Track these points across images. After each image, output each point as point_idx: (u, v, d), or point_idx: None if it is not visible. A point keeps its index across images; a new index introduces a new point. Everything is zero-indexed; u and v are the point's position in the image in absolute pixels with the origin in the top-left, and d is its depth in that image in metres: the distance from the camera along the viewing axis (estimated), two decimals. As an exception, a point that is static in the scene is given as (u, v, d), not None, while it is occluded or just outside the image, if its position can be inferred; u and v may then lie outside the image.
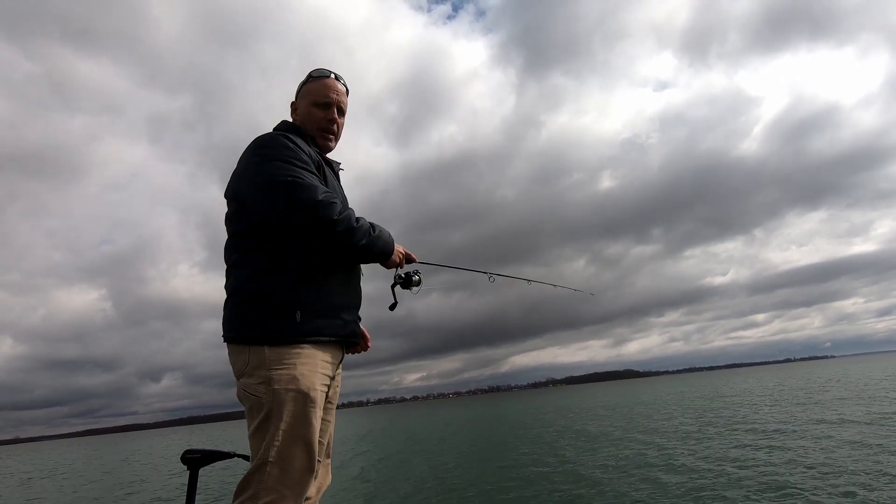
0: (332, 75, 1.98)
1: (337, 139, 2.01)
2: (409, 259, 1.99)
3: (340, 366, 1.92)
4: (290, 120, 2.00)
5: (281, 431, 1.61)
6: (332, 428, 1.96)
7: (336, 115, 1.96)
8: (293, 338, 1.70)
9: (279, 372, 1.65)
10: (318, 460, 1.86)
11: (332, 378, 1.85)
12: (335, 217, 1.66)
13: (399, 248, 1.92)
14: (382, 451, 15.88)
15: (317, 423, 1.68)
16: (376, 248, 1.79)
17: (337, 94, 1.96)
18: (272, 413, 1.63)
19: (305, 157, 1.75)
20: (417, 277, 2.06)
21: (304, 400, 1.65)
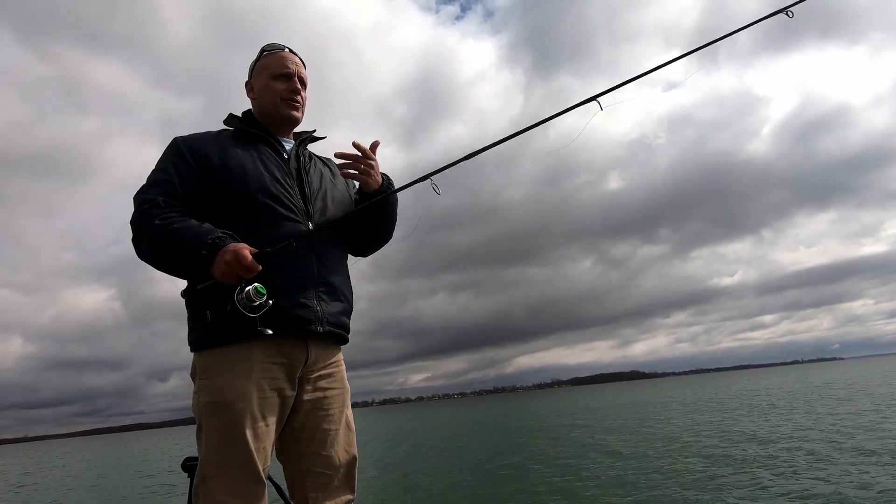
0: (287, 49, 1.81)
1: (302, 111, 1.81)
2: (249, 268, 1.42)
3: (312, 362, 1.64)
4: (249, 109, 1.82)
5: (213, 445, 1.48)
6: (336, 437, 1.68)
7: (298, 85, 1.77)
8: (207, 341, 1.53)
9: (204, 381, 1.52)
10: (319, 472, 1.66)
11: (297, 381, 1.60)
12: (132, 220, 1.54)
13: (228, 258, 1.41)
14: (389, 450, 15.85)
15: (250, 434, 1.47)
16: (164, 262, 1.53)
17: (296, 66, 1.78)
18: (201, 426, 1.51)
19: (176, 160, 1.61)
20: (252, 300, 1.39)
21: (228, 412, 1.46)
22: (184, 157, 1.61)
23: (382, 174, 1.79)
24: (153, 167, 1.64)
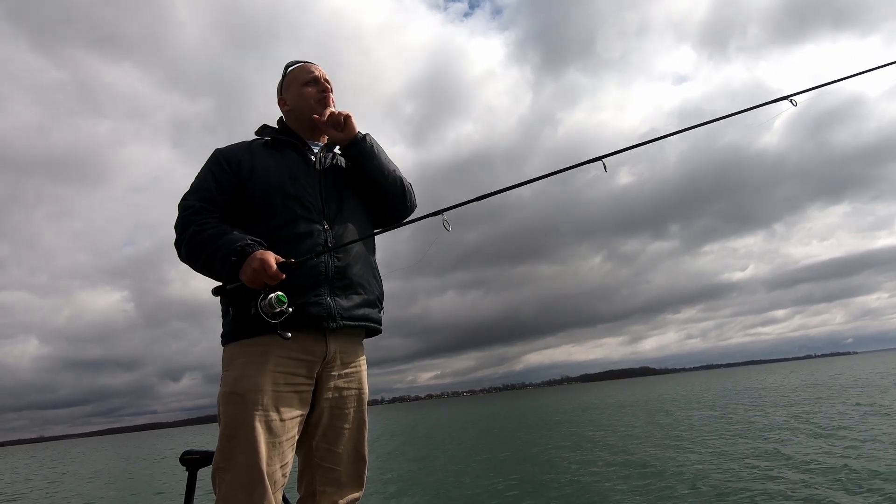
0: (308, 62, 1.97)
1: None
2: (274, 277, 1.54)
3: (331, 358, 1.70)
4: (282, 116, 1.96)
5: (224, 435, 1.54)
6: (348, 435, 1.75)
7: (328, 86, 1.92)
8: (231, 335, 1.64)
9: (226, 373, 1.61)
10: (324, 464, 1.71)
11: (315, 377, 1.67)
12: (175, 225, 1.68)
13: (255, 266, 1.53)
14: (398, 447, 15.93)
15: (261, 426, 1.52)
16: (200, 266, 1.65)
17: (320, 71, 1.94)
18: (219, 417, 1.57)
19: (214, 168, 1.76)
20: (274, 307, 1.51)
21: (241, 402, 1.53)
22: (220, 164, 1.76)
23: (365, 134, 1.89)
24: (195, 175, 1.79)
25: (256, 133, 1.92)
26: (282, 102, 1.95)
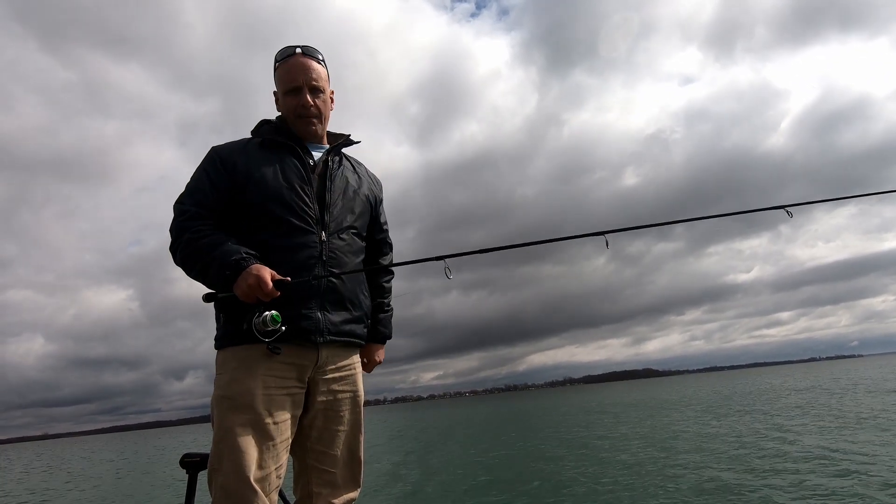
0: (298, 51, 1.77)
1: (322, 119, 1.81)
2: (269, 295, 1.53)
3: (323, 363, 1.70)
4: (267, 103, 1.89)
5: (217, 438, 1.55)
6: (344, 437, 1.76)
7: (308, 99, 1.75)
8: (223, 340, 1.66)
9: (219, 377, 1.63)
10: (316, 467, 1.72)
11: (308, 381, 1.68)
12: (171, 228, 1.67)
13: (251, 281, 1.52)
14: (398, 447, 15.93)
15: (253, 430, 1.54)
16: (194, 273, 1.65)
17: (305, 74, 1.75)
18: (212, 419, 1.59)
19: (209, 168, 1.72)
20: (268, 325, 1.53)
21: (233, 406, 1.55)
22: (216, 164, 1.72)
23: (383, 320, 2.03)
24: (192, 174, 1.76)
25: (253, 132, 1.82)
26: (276, 98, 1.85)
